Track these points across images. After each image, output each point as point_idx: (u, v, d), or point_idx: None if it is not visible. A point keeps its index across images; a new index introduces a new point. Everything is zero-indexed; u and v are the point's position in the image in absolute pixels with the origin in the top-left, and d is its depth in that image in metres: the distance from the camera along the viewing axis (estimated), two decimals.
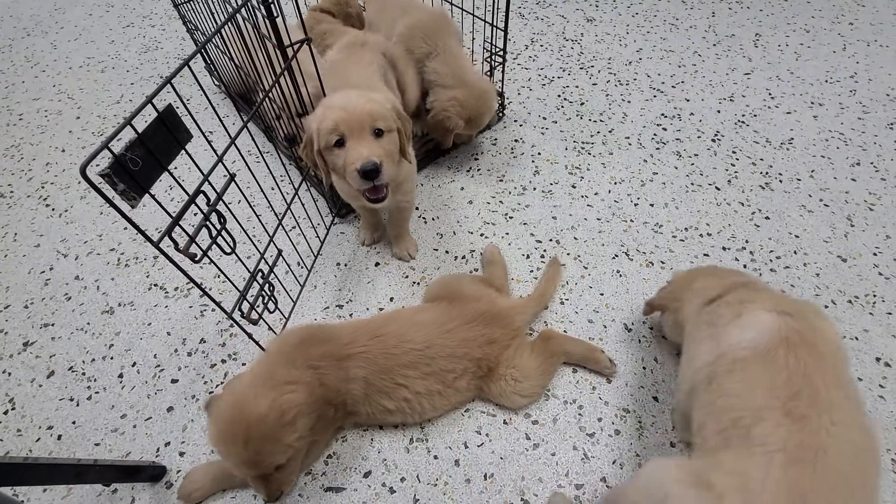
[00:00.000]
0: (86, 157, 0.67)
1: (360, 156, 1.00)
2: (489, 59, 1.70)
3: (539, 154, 1.73)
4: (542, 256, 1.42)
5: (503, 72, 1.74)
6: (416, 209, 1.56)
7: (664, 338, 1.22)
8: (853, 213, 1.50)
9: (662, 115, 1.87)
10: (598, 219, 1.51)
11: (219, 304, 1.01)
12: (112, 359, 1.26)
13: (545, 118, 1.87)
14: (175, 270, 1.37)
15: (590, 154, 1.73)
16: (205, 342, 1.28)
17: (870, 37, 2.23)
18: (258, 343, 1.16)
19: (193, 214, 0.85)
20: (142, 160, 0.74)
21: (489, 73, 1.74)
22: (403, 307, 1.29)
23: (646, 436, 1.08)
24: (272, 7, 1.02)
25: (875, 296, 1.29)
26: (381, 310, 1.32)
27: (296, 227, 1.50)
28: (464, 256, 1.44)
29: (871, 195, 1.55)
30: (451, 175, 1.68)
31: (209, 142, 0.93)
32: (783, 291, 1.30)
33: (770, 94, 1.95)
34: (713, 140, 1.76)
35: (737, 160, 1.68)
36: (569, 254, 1.42)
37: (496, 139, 1.79)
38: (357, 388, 1.00)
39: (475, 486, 1.02)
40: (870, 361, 1.17)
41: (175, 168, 1.70)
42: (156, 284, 1.42)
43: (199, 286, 0.94)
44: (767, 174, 1.63)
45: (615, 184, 1.62)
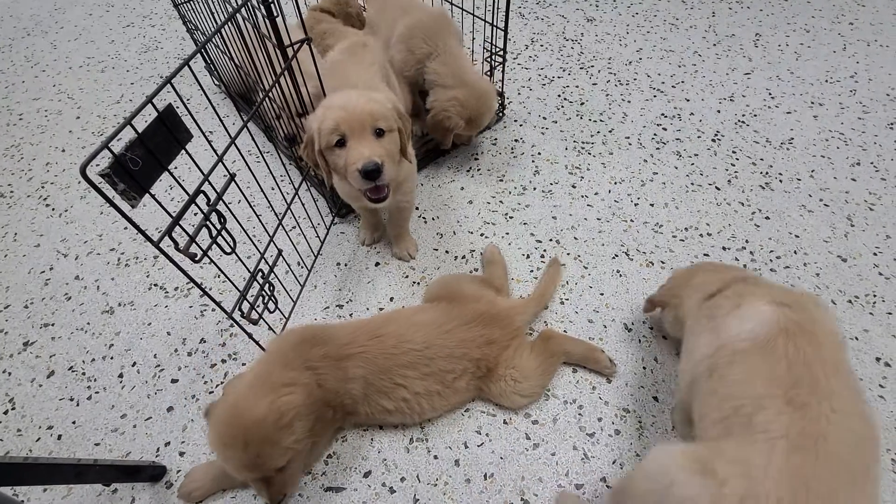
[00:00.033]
0: (86, 157, 0.67)
1: (362, 156, 1.00)
2: (489, 59, 1.70)
3: (539, 154, 1.73)
4: (542, 256, 1.42)
5: (503, 72, 1.74)
6: (416, 209, 1.56)
7: (664, 338, 1.23)
8: (853, 213, 1.50)
9: (662, 115, 1.87)
10: (598, 219, 1.51)
11: (219, 304, 1.01)
12: (112, 359, 1.26)
13: (545, 118, 1.87)
14: (175, 270, 1.37)
15: (590, 154, 1.73)
16: (205, 342, 1.28)
17: (870, 37, 2.23)
18: (258, 343, 1.16)
19: (193, 214, 0.85)
20: (142, 160, 0.74)
21: (489, 73, 1.74)
22: (403, 307, 1.29)
23: (646, 436, 1.08)
24: (272, 7, 1.02)
25: (875, 296, 1.29)
26: (382, 310, 1.32)
27: (296, 227, 1.50)
28: (464, 256, 1.44)
29: (872, 195, 1.55)
30: (451, 175, 1.68)
31: (209, 142, 0.93)
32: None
33: (770, 94, 1.95)
34: (713, 140, 1.76)
35: (737, 160, 1.68)
36: (569, 254, 1.42)
37: (496, 139, 1.79)
38: (356, 388, 1.00)
39: (475, 486, 1.02)
40: (870, 361, 1.17)
41: (175, 168, 1.70)
42: (156, 284, 1.42)
43: (199, 286, 0.94)
44: (767, 174, 1.63)
45: (615, 184, 1.62)
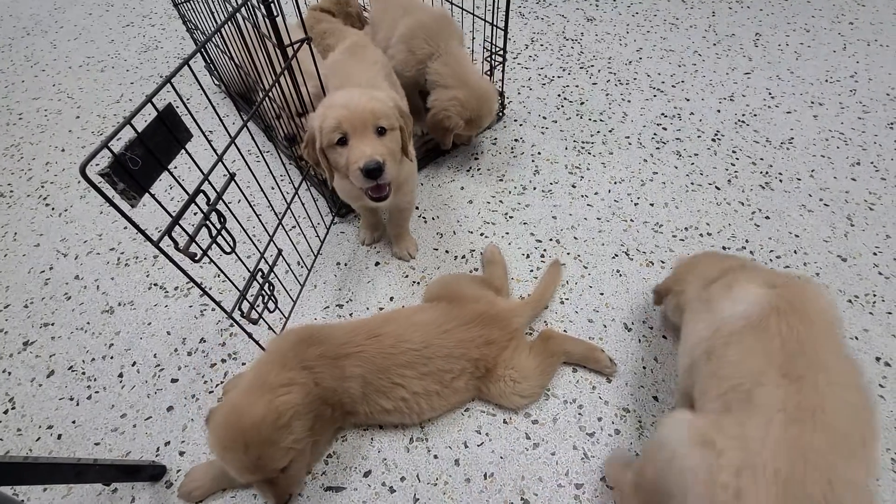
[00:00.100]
0: (85, 157, 0.67)
1: (363, 154, 0.99)
2: (489, 59, 1.70)
3: (539, 154, 1.73)
4: (542, 256, 1.42)
5: (503, 71, 1.74)
6: (416, 209, 1.56)
7: (664, 337, 1.23)
8: (853, 213, 1.50)
9: (662, 115, 1.87)
10: (598, 218, 1.51)
11: (219, 304, 1.01)
12: (112, 358, 1.26)
13: (545, 118, 1.87)
14: (175, 270, 1.37)
15: (590, 154, 1.73)
16: (205, 342, 1.28)
17: (870, 36, 2.23)
18: (258, 343, 1.16)
19: (193, 214, 0.84)
20: (141, 159, 0.74)
21: (489, 73, 1.74)
22: (403, 307, 1.29)
23: (646, 435, 1.08)
24: (272, 6, 1.02)
25: (875, 295, 1.29)
26: (381, 309, 1.32)
27: (296, 227, 1.50)
28: (464, 256, 1.44)
29: (871, 195, 1.55)
30: (451, 174, 1.68)
31: (209, 141, 0.93)
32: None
33: (770, 94, 1.94)
34: (713, 140, 1.76)
35: (737, 160, 1.68)
36: (569, 253, 1.42)
37: (496, 139, 1.79)
38: (354, 387, 1.00)
39: (475, 486, 1.02)
40: (870, 361, 1.17)
41: (175, 167, 1.71)
42: (156, 284, 1.42)
43: (199, 286, 0.94)
44: (767, 174, 1.63)
45: (615, 183, 1.62)
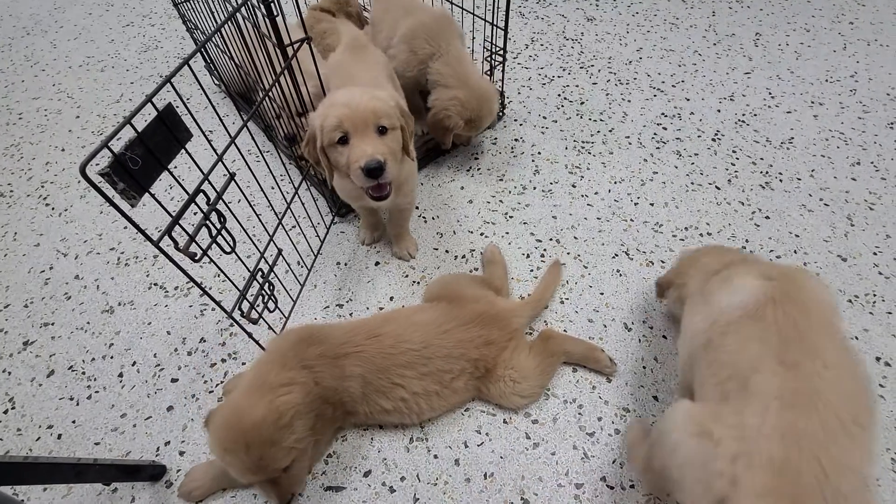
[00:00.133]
0: (85, 157, 0.67)
1: (364, 153, 0.99)
2: (489, 59, 1.70)
3: (539, 153, 1.73)
4: (542, 256, 1.42)
5: (503, 71, 1.74)
6: (416, 208, 1.56)
7: (664, 337, 1.23)
8: (853, 213, 1.50)
9: (662, 115, 1.87)
10: (598, 218, 1.51)
11: (219, 304, 1.01)
12: (112, 358, 1.26)
13: (545, 117, 1.87)
14: (175, 270, 1.37)
15: (590, 153, 1.73)
16: (205, 341, 1.28)
17: (870, 36, 2.23)
18: (258, 342, 1.16)
19: (193, 214, 0.84)
20: (141, 159, 0.74)
21: (489, 73, 1.74)
22: (403, 307, 1.29)
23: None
24: (272, 6, 1.02)
25: (875, 295, 1.29)
26: (382, 309, 1.32)
27: (296, 227, 1.50)
28: (464, 256, 1.44)
29: (872, 194, 1.55)
30: (451, 174, 1.68)
31: (209, 141, 0.93)
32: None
33: (770, 94, 1.94)
34: (713, 139, 1.76)
35: (737, 159, 1.68)
36: (569, 253, 1.42)
37: (496, 138, 1.79)
38: (354, 386, 1.00)
39: (475, 486, 1.02)
40: (870, 361, 1.17)
41: (175, 167, 1.71)
42: (156, 283, 1.42)
43: (199, 285, 0.94)
44: (767, 173, 1.63)
45: (615, 183, 1.62)
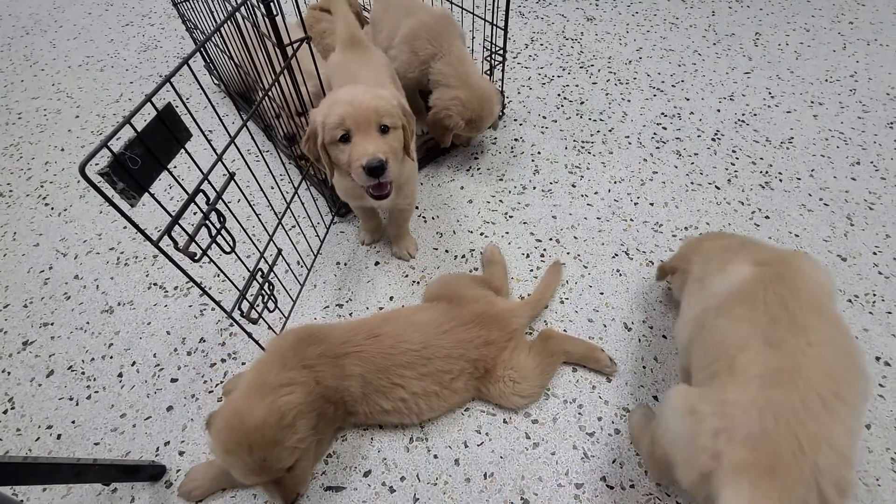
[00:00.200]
0: (85, 156, 0.66)
1: (366, 152, 0.99)
2: (489, 58, 1.70)
3: (539, 153, 1.73)
4: (542, 256, 1.42)
5: (503, 71, 1.74)
6: (416, 208, 1.56)
7: (664, 337, 1.23)
8: (853, 213, 1.50)
9: (662, 115, 1.87)
10: (598, 218, 1.51)
11: (218, 304, 1.01)
12: (111, 358, 1.26)
13: (545, 117, 1.87)
14: (175, 269, 1.37)
15: (590, 153, 1.72)
16: (204, 341, 1.28)
17: (870, 36, 2.23)
18: (258, 342, 1.16)
19: (193, 213, 0.84)
20: (141, 159, 0.73)
21: (489, 72, 1.74)
22: (402, 307, 1.29)
23: None
24: (271, 5, 1.02)
25: (875, 295, 1.29)
26: (381, 309, 1.32)
27: (295, 227, 1.50)
28: (463, 255, 1.43)
29: (871, 194, 1.55)
30: (451, 174, 1.68)
31: (209, 141, 0.93)
32: None
33: (770, 94, 1.94)
34: (713, 139, 1.76)
35: (737, 159, 1.68)
36: (568, 253, 1.42)
37: (496, 138, 1.79)
38: (354, 386, 1.00)
39: (475, 486, 1.02)
40: (870, 360, 1.17)
41: (174, 167, 1.70)
42: (155, 283, 1.42)
43: (199, 285, 0.94)
44: (767, 173, 1.63)
45: (615, 183, 1.62)
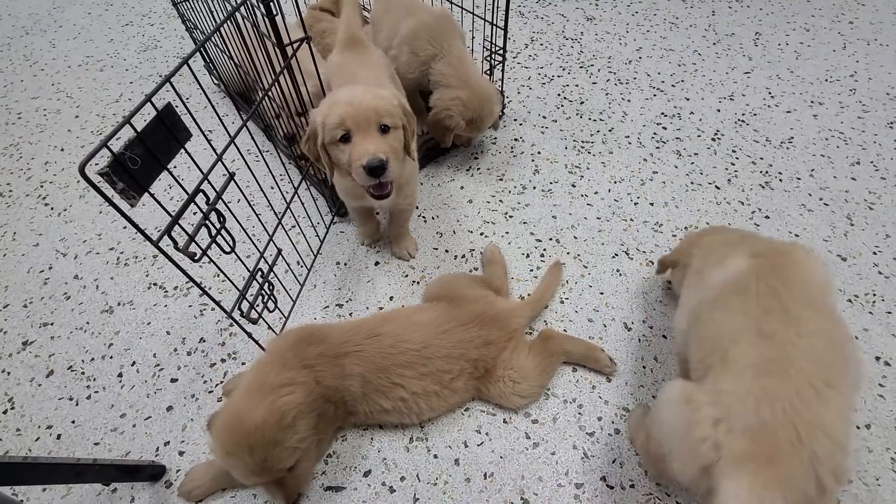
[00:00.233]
0: (85, 156, 0.66)
1: (366, 152, 0.99)
2: (489, 58, 1.70)
3: (539, 153, 1.73)
4: (542, 255, 1.42)
5: (503, 70, 1.74)
6: (416, 208, 1.56)
7: (664, 336, 1.22)
8: (853, 212, 1.50)
9: (662, 114, 1.87)
10: (598, 218, 1.51)
11: (218, 304, 1.01)
12: (111, 358, 1.26)
13: (545, 117, 1.87)
14: (174, 269, 1.37)
15: (590, 153, 1.72)
16: (204, 341, 1.28)
17: (870, 36, 2.23)
18: (258, 342, 1.16)
19: (193, 213, 0.84)
20: (141, 159, 0.73)
21: (489, 72, 1.73)
22: (403, 306, 1.29)
23: None
24: (271, 5, 1.02)
25: (875, 295, 1.29)
26: (381, 309, 1.32)
27: (295, 227, 1.50)
28: (463, 255, 1.43)
29: (871, 194, 1.55)
30: (451, 174, 1.68)
31: (208, 141, 0.93)
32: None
33: (770, 93, 1.94)
34: (713, 139, 1.76)
35: (737, 159, 1.68)
36: (568, 253, 1.42)
37: (496, 138, 1.79)
38: (354, 385, 1.00)
39: (475, 485, 1.02)
40: (869, 360, 1.17)
41: (174, 167, 1.70)
42: (155, 283, 1.42)
43: (199, 285, 0.94)
44: (767, 173, 1.63)
45: (615, 183, 1.62)
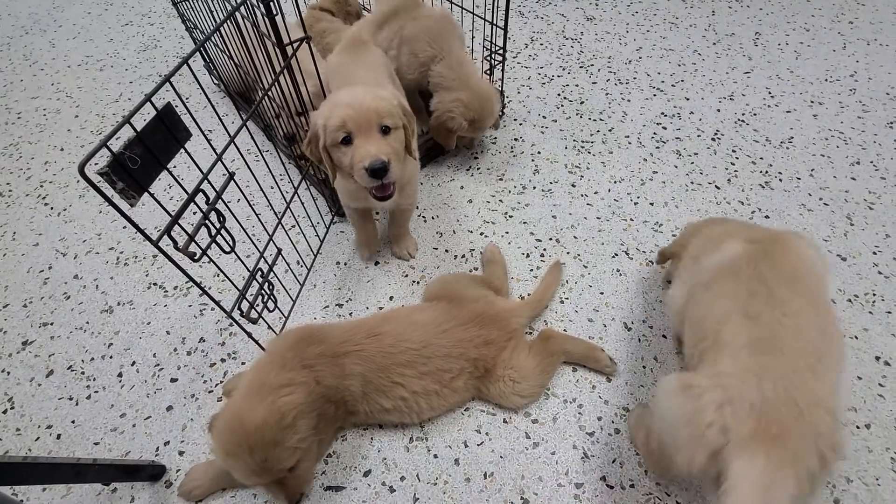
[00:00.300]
0: (84, 156, 0.66)
1: (369, 154, 0.99)
2: (489, 58, 1.70)
3: (539, 153, 1.73)
4: (542, 255, 1.42)
5: (503, 70, 1.74)
6: (416, 208, 1.56)
7: (664, 336, 1.22)
8: (853, 212, 1.50)
9: (662, 114, 1.87)
10: (598, 217, 1.51)
11: (218, 304, 1.01)
12: (111, 358, 1.26)
13: (545, 117, 1.87)
14: (174, 269, 1.37)
15: (589, 153, 1.72)
16: (204, 341, 1.28)
17: (870, 35, 2.23)
18: (258, 342, 1.16)
19: (192, 213, 0.84)
20: (141, 159, 0.73)
21: (489, 72, 1.73)
22: (403, 306, 1.29)
23: None
24: (271, 5, 1.02)
25: (874, 294, 1.29)
26: (381, 308, 1.32)
27: (295, 226, 1.50)
28: (463, 255, 1.43)
29: (871, 194, 1.55)
30: (451, 174, 1.68)
31: (208, 140, 0.93)
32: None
33: (770, 93, 1.94)
34: (713, 139, 1.76)
35: (736, 159, 1.68)
36: (568, 253, 1.42)
37: (496, 138, 1.79)
38: (355, 385, 1.00)
39: (475, 485, 1.02)
40: (869, 360, 1.17)
41: (174, 167, 1.70)
42: (155, 283, 1.41)
43: (199, 285, 0.94)
44: (767, 173, 1.63)
45: (615, 183, 1.62)
